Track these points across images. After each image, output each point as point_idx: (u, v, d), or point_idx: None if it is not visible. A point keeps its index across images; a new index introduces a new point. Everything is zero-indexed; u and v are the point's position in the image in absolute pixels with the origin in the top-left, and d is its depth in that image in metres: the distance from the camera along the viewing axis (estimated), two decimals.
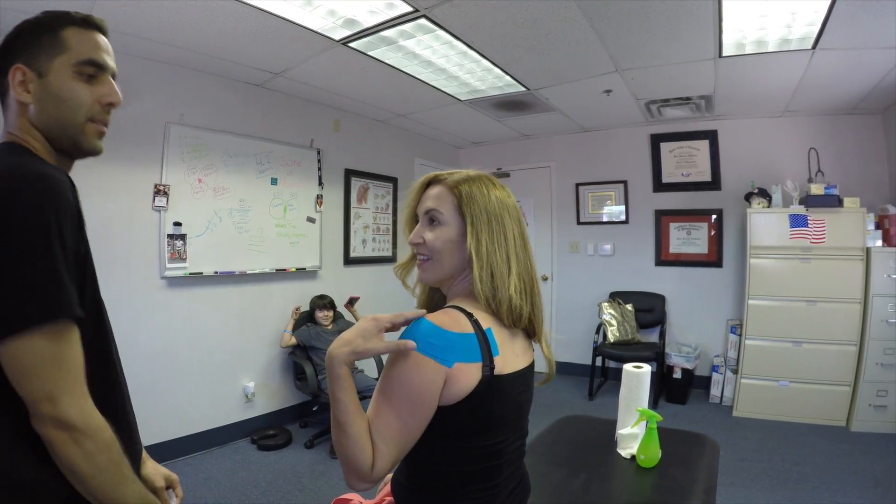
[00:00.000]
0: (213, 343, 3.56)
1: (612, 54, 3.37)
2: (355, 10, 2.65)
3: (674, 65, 3.58)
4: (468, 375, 0.92)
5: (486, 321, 0.98)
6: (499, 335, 0.99)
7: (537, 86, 4.02)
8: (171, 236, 3.24)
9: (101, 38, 0.91)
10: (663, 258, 5.28)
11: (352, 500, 1.31)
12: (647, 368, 2.02)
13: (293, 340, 3.87)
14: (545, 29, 2.97)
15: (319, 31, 2.87)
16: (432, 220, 1.05)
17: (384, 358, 0.93)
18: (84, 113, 0.88)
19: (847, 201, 4.09)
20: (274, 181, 3.91)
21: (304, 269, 4.17)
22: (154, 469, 1.09)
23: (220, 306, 3.61)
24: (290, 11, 2.64)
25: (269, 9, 2.59)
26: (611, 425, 2.10)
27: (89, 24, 0.90)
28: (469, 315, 0.97)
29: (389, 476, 1.28)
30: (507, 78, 3.79)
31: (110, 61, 0.92)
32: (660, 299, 5.21)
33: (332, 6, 2.61)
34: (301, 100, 4.15)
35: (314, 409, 4.10)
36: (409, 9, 2.65)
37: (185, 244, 3.31)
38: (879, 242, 3.99)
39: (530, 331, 1.10)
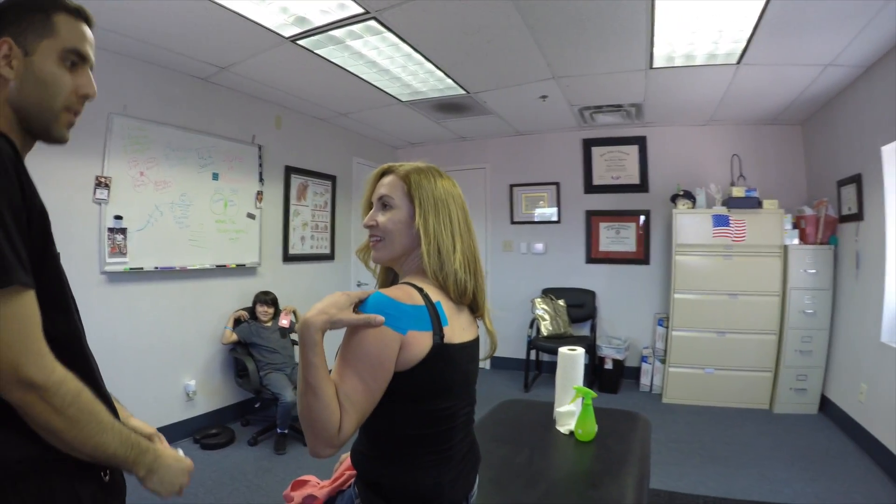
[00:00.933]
0: (153, 340, 3.47)
1: (550, 62, 3.55)
2: (308, 8, 2.69)
3: (607, 74, 3.79)
4: (420, 343, 1.01)
5: (435, 295, 1.08)
6: (447, 308, 1.09)
7: (476, 89, 4.15)
8: (111, 230, 3.14)
9: (88, 30, 0.93)
10: (593, 256, 5.57)
11: (309, 480, 1.34)
12: (580, 350, 2.18)
13: (234, 337, 3.82)
14: (488, 36, 3.10)
15: (271, 27, 2.88)
16: (385, 204, 1.16)
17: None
18: (62, 100, 0.88)
19: (766, 203, 4.44)
20: (215, 176, 3.85)
21: (244, 265, 4.13)
22: (139, 422, 1.11)
23: (161, 302, 3.53)
24: (243, 6, 2.64)
25: (222, 2, 2.58)
26: (548, 407, 2.24)
27: (80, 14, 0.91)
28: (420, 290, 1.06)
29: (345, 455, 1.34)
30: (448, 81, 3.90)
31: (92, 54, 0.93)
32: (590, 295, 5.48)
33: (285, 3, 2.63)
34: (244, 95, 4.12)
35: (256, 405, 4.07)
36: (361, 10, 2.71)
37: (125, 238, 3.22)
38: (796, 241, 4.34)
39: (474, 307, 1.21)
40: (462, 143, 6.09)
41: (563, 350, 2.18)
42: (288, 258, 4.64)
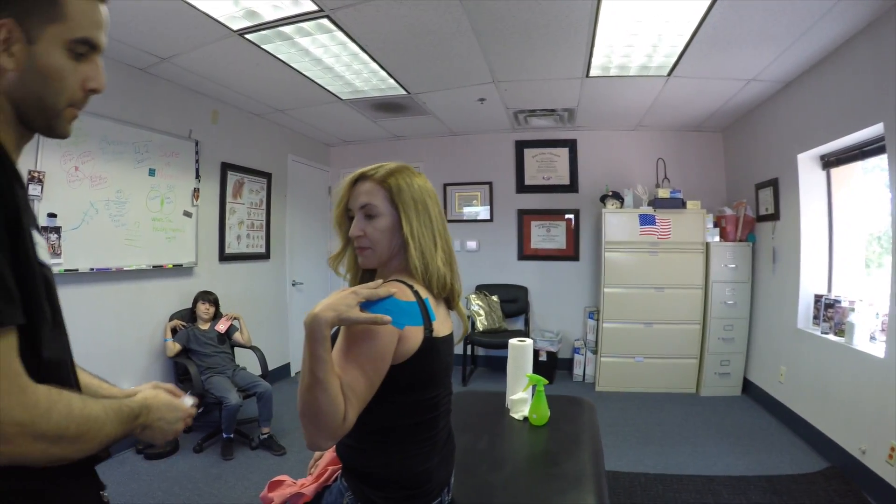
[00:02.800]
0: (90, 346, 3.26)
1: (492, 67, 3.68)
2: (259, 2, 2.65)
3: (545, 80, 3.97)
4: (415, 336, 1.07)
5: (423, 292, 1.14)
6: (433, 304, 1.15)
7: (417, 90, 4.22)
8: (45, 229, 2.94)
9: (104, 11, 0.79)
10: (525, 253, 5.79)
11: (285, 480, 1.35)
12: (529, 341, 2.30)
13: (178, 347, 3.69)
14: (436, 39, 3.18)
15: (220, 19, 2.82)
16: (368, 214, 1.16)
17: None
18: (67, 97, 0.77)
19: (690, 204, 4.79)
20: (152, 172, 3.70)
21: (181, 265, 3.99)
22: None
23: (97, 306, 3.35)
24: None
25: None
26: (499, 396, 2.34)
27: None
28: (410, 287, 1.12)
29: (320, 453, 1.38)
30: (391, 81, 3.94)
31: (104, 39, 0.79)
32: (523, 290, 5.70)
33: None
34: (183, 88, 3.98)
35: (199, 410, 3.92)
36: (315, 8, 2.71)
37: (59, 238, 3.03)
38: (717, 238, 4.72)
39: (451, 297, 1.26)
40: (397, 142, 6.12)
41: (513, 341, 2.29)
42: (224, 258, 4.51)
